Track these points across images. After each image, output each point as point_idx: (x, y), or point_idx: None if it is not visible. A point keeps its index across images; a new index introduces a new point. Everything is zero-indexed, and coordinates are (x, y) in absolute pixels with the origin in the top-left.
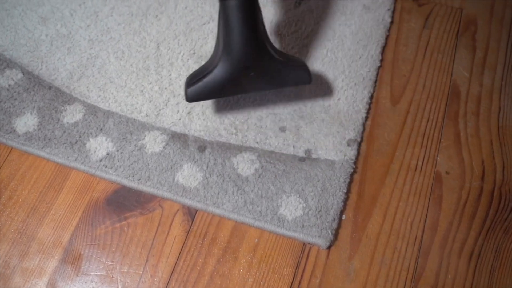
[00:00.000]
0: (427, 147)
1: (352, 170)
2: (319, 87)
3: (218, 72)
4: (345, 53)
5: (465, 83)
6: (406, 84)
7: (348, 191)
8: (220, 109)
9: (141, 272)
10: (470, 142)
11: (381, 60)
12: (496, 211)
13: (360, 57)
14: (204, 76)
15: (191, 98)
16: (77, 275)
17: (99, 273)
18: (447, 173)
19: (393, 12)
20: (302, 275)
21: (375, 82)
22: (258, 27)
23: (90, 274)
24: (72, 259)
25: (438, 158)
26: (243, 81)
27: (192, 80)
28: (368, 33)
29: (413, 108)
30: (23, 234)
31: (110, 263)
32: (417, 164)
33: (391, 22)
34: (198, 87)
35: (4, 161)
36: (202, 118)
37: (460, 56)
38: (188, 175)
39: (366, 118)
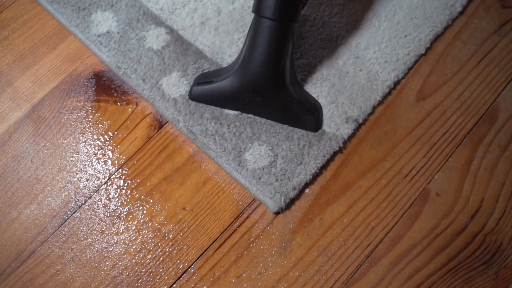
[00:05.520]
0: (430, 159)
1: (337, 149)
2: (345, 50)
3: (226, 84)
4: (391, 25)
5: (508, 111)
6: (442, 85)
7: (324, 167)
8: (233, 32)
9: (91, 157)
10: (480, 174)
11: (428, 49)
12: (468, 256)
13: (405, 36)
14: (213, 82)
15: (194, 97)
16: (34, 134)
17: (54, 142)
18: (437, 195)
19: (469, 2)
20: (238, 227)
21: (410, 69)
22: (282, 56)
23: (45, 139)
24: (35, 118)
25: (436, 176)
26: (248, 102)
27: (202, 80)
28: (428, 14)
29: (436, 113)
30: (2, 77)
31: (68, 135)
32: (410, 172)
33: (461, 13)
34: (203, 90)
35: (14, 1)
36: (213, 33)
37: None
38: (173, 83)
39: (380, 102)
